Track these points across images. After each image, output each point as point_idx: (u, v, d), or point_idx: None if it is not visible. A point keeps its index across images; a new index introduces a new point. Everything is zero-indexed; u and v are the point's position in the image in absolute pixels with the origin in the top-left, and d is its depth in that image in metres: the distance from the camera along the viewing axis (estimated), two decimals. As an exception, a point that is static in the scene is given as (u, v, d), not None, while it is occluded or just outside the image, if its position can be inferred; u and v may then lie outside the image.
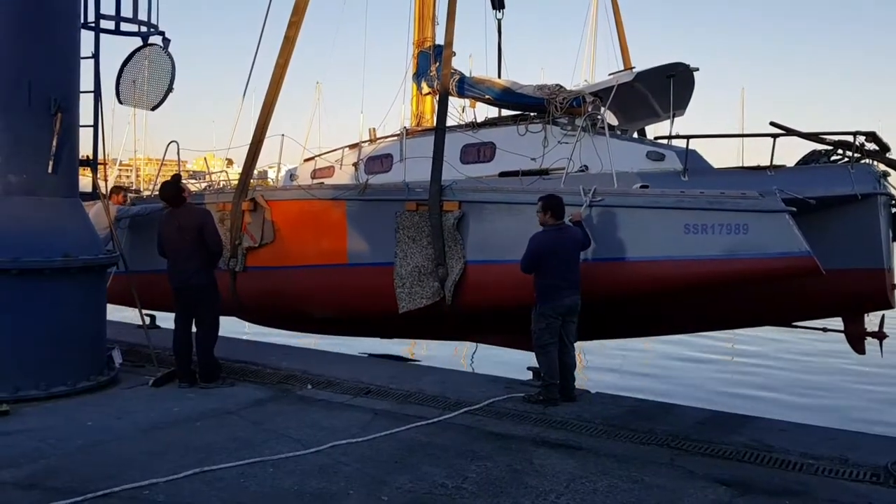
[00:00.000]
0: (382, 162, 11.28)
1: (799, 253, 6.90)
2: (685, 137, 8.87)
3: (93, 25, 8.21)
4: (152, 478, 4.69)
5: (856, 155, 8.39)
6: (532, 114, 10.47)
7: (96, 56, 8.14)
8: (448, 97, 9.38)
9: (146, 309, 8.88)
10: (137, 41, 9.15)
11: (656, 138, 10.84)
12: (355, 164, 11.62)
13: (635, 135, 11.55)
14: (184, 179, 8.36)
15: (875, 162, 8.56)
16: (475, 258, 8.27)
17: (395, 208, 8.64)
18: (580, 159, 9.23)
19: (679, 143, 9.11)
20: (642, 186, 8.29)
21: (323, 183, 11.24)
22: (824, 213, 7.93)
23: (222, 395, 6.94)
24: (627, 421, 6.31)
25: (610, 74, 10.54)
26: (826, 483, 4.95)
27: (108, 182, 8.98)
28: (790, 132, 8.84)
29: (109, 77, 9.41)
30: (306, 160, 12.83)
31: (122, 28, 8.74)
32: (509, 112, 11.39)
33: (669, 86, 9.79)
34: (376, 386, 7.29)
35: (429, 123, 11.98)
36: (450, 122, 9.95)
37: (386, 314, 8.75)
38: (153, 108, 9.44)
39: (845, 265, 7.86)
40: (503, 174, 9.83)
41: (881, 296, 8.20)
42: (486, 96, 11.17)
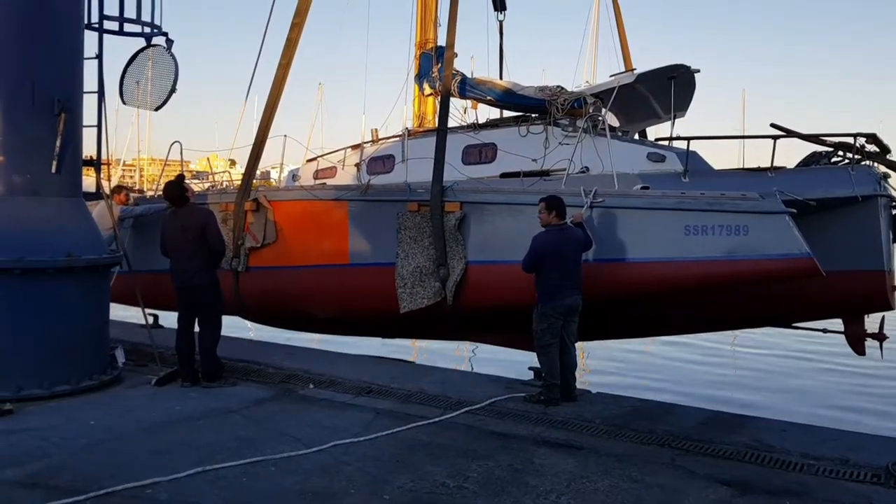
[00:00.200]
0: (384, 163, 11.30)
1: (799, 254, 6.91)
2: (686, 139, 8.89)
3: (96, 26, 8.22)
4: (155, 476, 4.71)
5: (856, 157, 8.41)
6: (533, 115, 10.48)
7: (100, 57, 8.15)
8: (449, 98, 9.41)
9: (149, 308, 8.91)
10: (141, 42, 9.17)
11: (657, 140, 10.85)
12: (357, 165, 11.64)
13: (636, 136, 11.57)
14: (187, 180, 8.38)
15: (875, 164, 8.57)
16: (476, 259, 8.29)
17: (397, 209, 8.66)
18: (581, 160, 9.24)
19: (680, 145, 9.12)
20: (643, 188, 8.30)
21: (325, 183, 11.27)
22: (825, 215, 7.94)
23: (224, 395, 6.96)
24: (628, 421, 6.32)
25: (611, 76, 10.57)
26: (827, 483, 4.97)
27: (112, 182, 9.00)
28: (790, 134, 8.85)
29: (113, 78, 9.44)
30: (309, 161, 12.86)
31: (126, 29, 8.74)
32: (511, 113, 11.40)
33: (670, 87, 9.81)
34: (378, 385, 7.30)
35: (430, 124, 11.99)
36: (451, 124, 9.97)
37: (387, 314, 8.77)
38: (156, 109, 9.45)
39: (846, 267, 7.87)
40: (504, 175, 9.84)
41: (881, 297, 8.22)
42: (488, 97, 11.18)
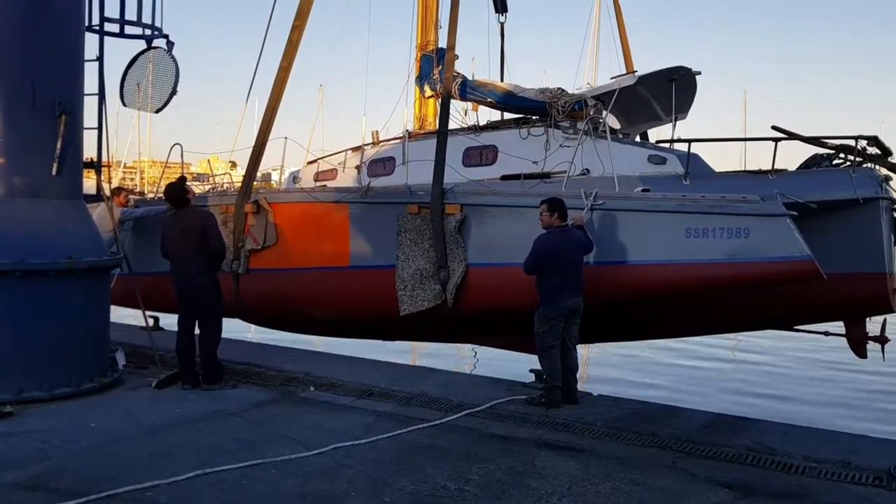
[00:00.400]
0: (385, 165, 11.29)
1: (800, 257, 6.90)
2: (687, 141, 8.88)
3: (97, 28, 8.23)
4: (155, 479, 4.70)
5: (858, 159, 8.40)
6: (534, 117, 10.49)
7: (100, 59, 8.16)
8: (450, 100, 9.40)
9: (149, 311, 8.90)
10: (142, 44, 9.18)
11: (658, 142, 10.85)
12: (358, 167, 11.65)
13: (637, 138, 11.57)
14: (188, 182, 8.38)
15: (877, 166, 8.56)
16: (477, 261, 8.28)
17: (397, 211, 8.65)
18: (582, 163, 9.24)
19: (681, 147, 9.12)
20: (644, 190, 8.29)
21: (325, 186, 11.28)
22: (826, 218, 7.93)
23: (225, 397, 6.95)
24: (630, 423, 6.31)
25: (612, 78, 10.56)
26: (828, 486, 4.96)
27: (112, 184, 9.01)
28: (792, 136, 8.84)
29: (114, 80, 9.46)
30: (309, 163, 12.87)
31: (127, 31, 8.75)
32: (511, 115, 11.40)
33: (671, 89, 9.81)
34: (379, 388, 7.29)
35: (431, 126, 11.99)
36: (452, 126, 9.97)
37: (387, 317, 8.76)
38: (157, 111, 9.48)
39: (847, 269, 7.86)
40: (505, 177, 9.84)
41: (883, 300, 8.20)
42: (489, 99, 11.19)
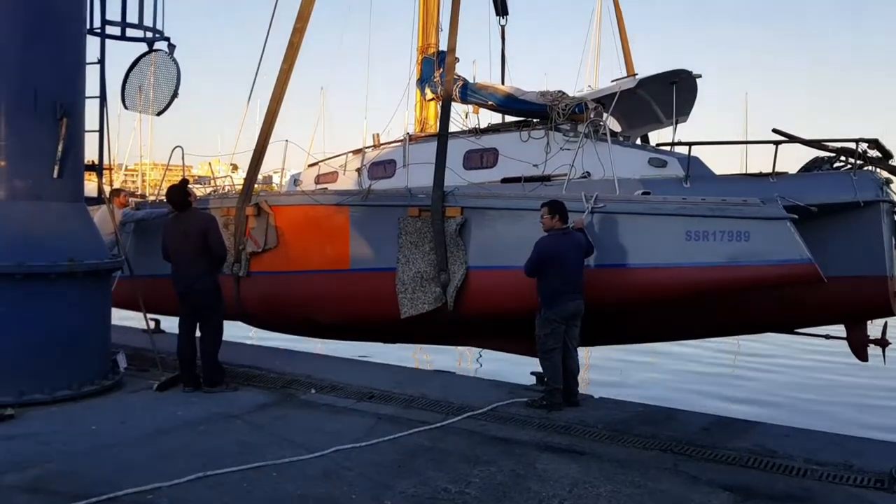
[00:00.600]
0: (386, 167, 11.30)
1: (800, 260, 6.90)
2: (687, 144, 8.88)
3: (98, 31, 8.24)
4: (156, 482, 4.70)
5: (858, 162, 8.40)
6: (535, 120, 10.49)
7: (102, 61, 8.18)
8: (451, 103, 9.41)
9: (151, 313, 8.91)
10: (143, 47, 9.20)
11: (658, 145, 10.86)
12: (358, 170, 11.66)
13: (638, 141, 11.58)
14: (189, 184, 8.39)
15: (878, 169, 8.56)
16: (477, 264, 8.28)
17: (398, 214, 8.66)
18: (582, 166, 9.24)
19: (681, 150, 9.12)
20: (644, 193, 8.29)
21: (326, 188, 11.29)
22: (827, 221, 7.92)
23: (226, 400, 6.95)
24: (631, 426, 6.31)
25: (613, 81, 10.57)
26: (830, 489, 4.95)
27: (114, 186, 9.01)
28: (792, 139, 8.84)
29: (115, 82, 9.47)
30: (310, 165, 12.88)
31: (128, 34, 8.76)
32: (512, 118, 11.41)
33: (672, 92, 9.82)
34: (380, 390, 7.29)
35: (432, 129, 12.00)
36: (453, 128, 9.98)
37: (388, 319, 8.76)
38: (158, 114, 9.49)
39: (848, 272, 7.86)
40: (505, 180, 9.84)
41: (884, 303, 8.19)
42: (489, 102, 11.20)
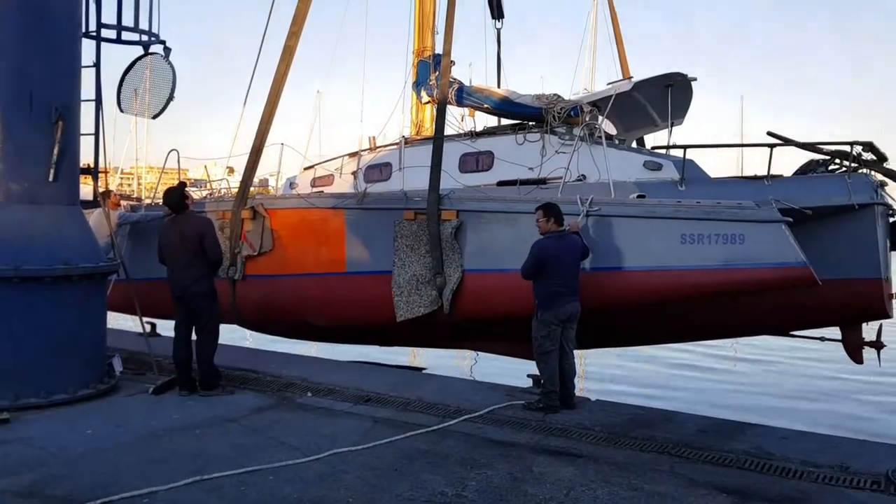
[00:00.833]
0: (381, 170, 11.31)
1: (795, 263, 6.91)
2: (682, 147, 8.90)
3: (94, 34, 8.24)
4: (152, 486, 4.69)
5: (853, 164, 8.43)
6: (530, 123, 10.51)
7: (97, 65, 8.17)
8: (446, 106, 9.42)
9: (146, 317, 8.89)
10: (139, 50, 9.19)
11: (653, 148, 10.89)
12: (354, 173, 11.66)
13: (634, 144, 11.60)
14: (188, 187, 8.38)
15: (872, 172, 8.59)
16: (473, 267, 8.29)
17: (394, 217, 8.66)
18: (578, 169, 9.25)
19: (677, 153, 9.14)
20: (639, 196, 8.31)
21: (322, 191, 11.27)
22: (822, 223, 7.94)
23: (222, 403, 6.94)
24: (628, 428, 6.31)
25: (608, 84, 10.61)
26: (826, 491, 4.96)
27: (103, 189, 8.96)
28: (787, 142, 8.87)
29: (111, 86, 9.46)
30: (306, 169, 12.88)
31: (124, 37, 8.77)
32: (508, 121, 11.43)
33: (667, 95, 9.84)
34: (376, 394, 7.28)
35: (428, 132, 12.02)
36: (449, 131, 9.99)
37: (384, 322, 8.76)
38: (154, 117, 9.48)
39: (843, 275, 7.87)
40: (501, 183, 9.85)
41: (878, 305, 8.21)
42: (485, 105, 11.22)
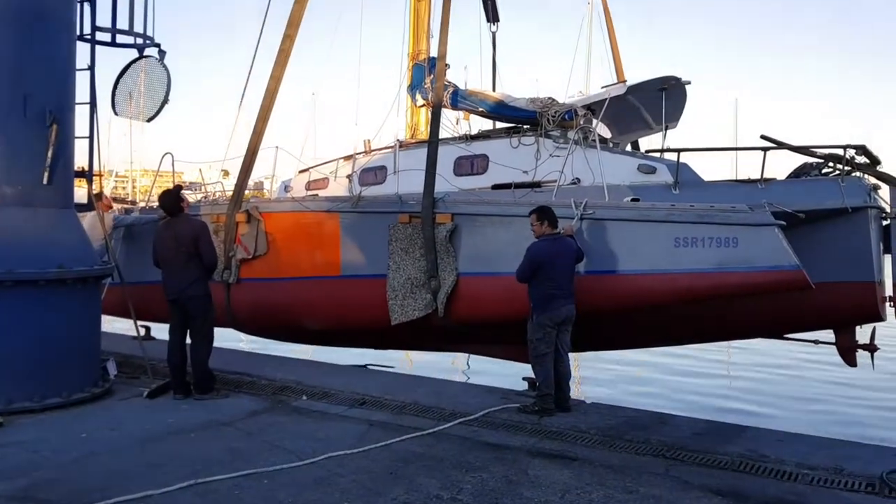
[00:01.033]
0: (376, 174, 11.32)
1: (788, 266, 6.93)
2: (676, 151, 8.93)
3: (89, 37, 8.21)
4: (147, 490, 4.67)
5: (846, 168, 8.47)
6: (525, 126, 10.53)
7: (92, 68, 8.15)
8: (441, 110, 9.44)
9: (141, 320, 8.86)
10: (133, 53, 9.17)
11: (647, 151, 10.92)
12: (349, 176, 11.66)
13: (628, 147, 11.63)
14: (183, 190, 8.37)
15: (865, 175, 8.63)
16: (467, 270, 8.29)
17: (389, 220, 8.65)
18: (572, 172, 9.28)
19: (671, 156, 9.17)
20: (633, 199, 8.33)
21: (317, 195, 11.27)
22: (815, 226, 7.98)
23: (217, 407, 6.92)
24: (623, 431, 6.32)
25: (602, 87, 10.65)
26: (821, 493, 4.97)
27: (105, 192, 8.96)
28: (781, 145, 8.91)
29: (105, 89, 9.43)
30: (301, 172, 12.87)
31: (118, 40, 8.73)
32: (502, 125, 11.45)
33: (661, 98, 9.88)
34: (371, 397, 7.27)
35: (423, 135, 12.01)
36: (443, 135, 10.00)
37: (379, 326, 8.75)
38: (148, 120, 9.44)
39: (836, 278, 7.91)
40: (496, 186, 9.87)
41: (872, 308, 8.25)
42: (480, 109, 11.24)
